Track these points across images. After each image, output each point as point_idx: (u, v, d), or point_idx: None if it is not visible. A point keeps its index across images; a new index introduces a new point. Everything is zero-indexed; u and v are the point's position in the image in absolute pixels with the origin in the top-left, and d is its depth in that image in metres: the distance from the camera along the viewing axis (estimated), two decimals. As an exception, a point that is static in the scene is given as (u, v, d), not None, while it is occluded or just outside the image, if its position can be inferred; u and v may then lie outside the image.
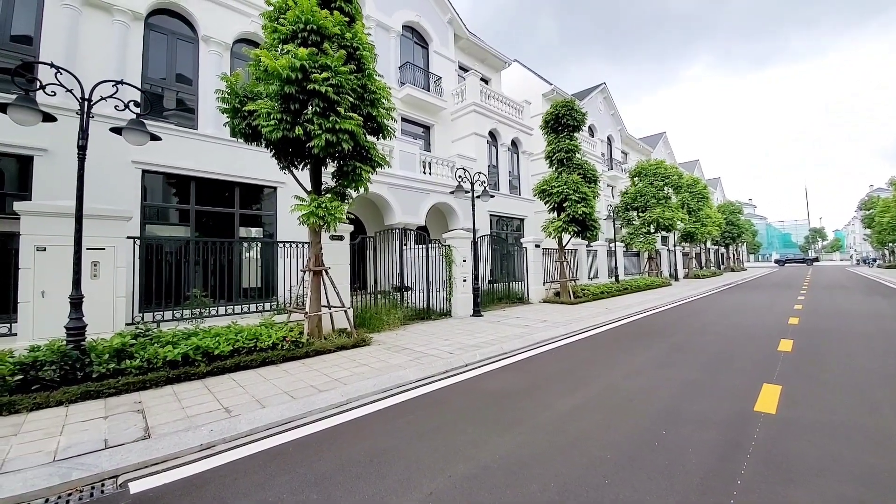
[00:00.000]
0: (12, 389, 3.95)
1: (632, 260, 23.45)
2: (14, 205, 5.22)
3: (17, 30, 7.32)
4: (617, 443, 3.27)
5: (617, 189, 28.36)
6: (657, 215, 21.22)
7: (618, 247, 19.97)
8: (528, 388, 4.78)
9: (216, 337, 5.36)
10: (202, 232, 8.86)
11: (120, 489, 2.74)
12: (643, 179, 22.93)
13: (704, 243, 34.66)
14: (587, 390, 4.62)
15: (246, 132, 6.46)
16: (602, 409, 4.01)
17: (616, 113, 28.80)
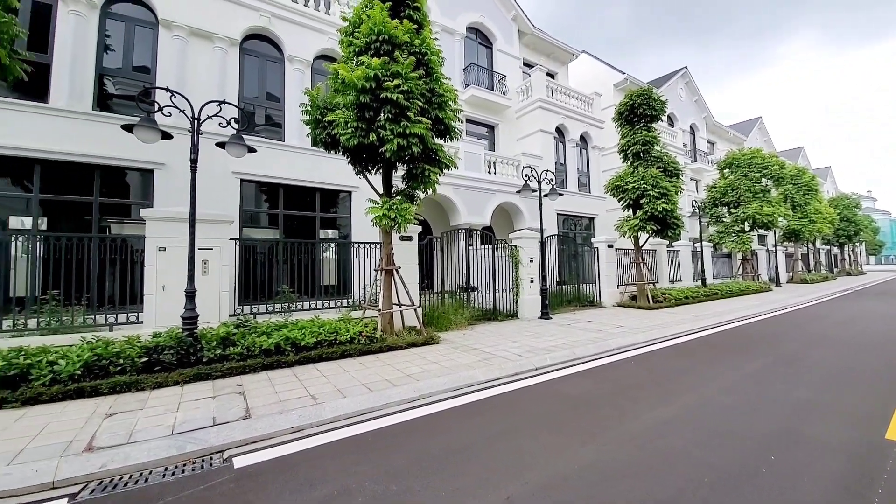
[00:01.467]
0: (139, 370, 4.65)
1: (722, 262, 21.07)
2: (140, 211, 6.17)
3: (137, 61, 8.66)
4: (715, 465, 2.93)
5: (702, 183, 25.70)
6: (753, 211, 18.76)
7: (704, 247, 18.07)
8: (607, 396, 4.50)
9: (302, 329, 5.84)
10: (288, 234, 9.72)
11: (225, 463, 3.08)
12: (735, 171, 20.46)
13: (813, 243, 29.98)
14: (676, 404, 4.21)
15: (326, 141, 6.94)
16: (695, 426, 3.63)
17: (700, 99, 26.14)
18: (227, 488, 2.70)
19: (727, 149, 25.88)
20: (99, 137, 7.53)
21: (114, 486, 2.76)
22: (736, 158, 20.69)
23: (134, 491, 2.69)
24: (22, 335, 5.45)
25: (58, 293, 5.89)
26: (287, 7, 9.99)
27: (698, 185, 25.89)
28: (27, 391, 4.01)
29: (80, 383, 4.22)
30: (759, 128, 34.62)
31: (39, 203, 7.26)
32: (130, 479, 2.83)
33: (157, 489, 2.71)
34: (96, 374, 4.41)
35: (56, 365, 4.26)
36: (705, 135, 27.11)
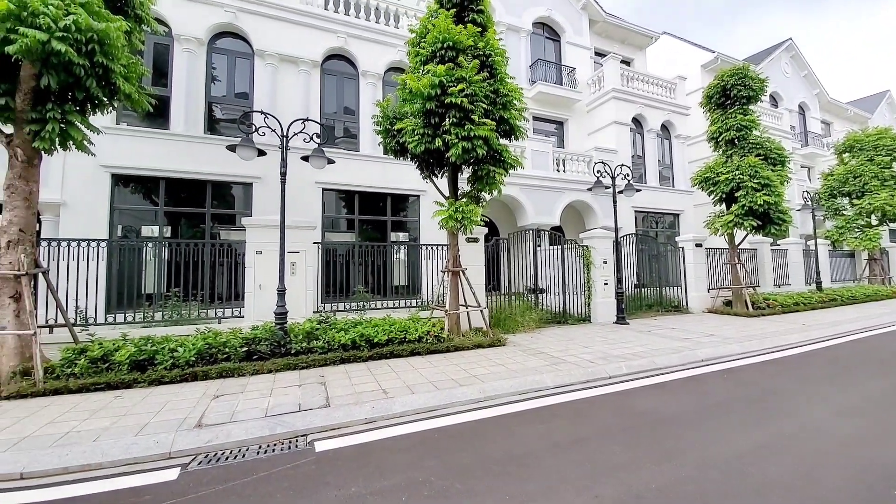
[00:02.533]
0: (241, 358, 5.33)
1: (842, 262, 17.87)
2: (242, 220, 7.06)
3: (238, 88, 9.89)
4: (827, 499, 2.52)
5: (816, 170, 22.05)
6: (881, 202, 15.58)
7: (820, 245, 15.46)
8: (690, 413, 4.10)
9: (375, 327, 6.23)
10: (363, 237, 10.39)
11: (308, 446, 3.40)
12: (857, 155, 17.18)
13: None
14: (776, 426, 3.70)
15: (395, 149, 7.31)
16: (800, 453, 3.15)
17: (809, 74, 22.45)
18: (310, 469, 2.99)
19: (847, 129, 21.79)
20: (209, 157, 8.77)
21: (217, 459, 3.21)
22: (858, 140, 17.36)
23: (233, 464, 3.11)
24: (150, 326, 6.57)
25: (178, 290, 6.99)
26: (361, 26, 10.68)
27: (811, 173, 22.28)
28: (153, 374, 4.82)
29: (193, 368, 4.97)
30: (887, 103, 28.61)
31: (164, 214, 8.67)
32: (231, 454, 3.27)
33: (252, 464, 3.09)
34: (207, 361, 5.16)
35: (175, 352, 5.07)
36: (818, 114, 23.22)
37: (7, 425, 3.62)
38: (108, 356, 4.86)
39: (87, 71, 4.72)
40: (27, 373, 4.60)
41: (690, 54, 19.87)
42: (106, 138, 7.06)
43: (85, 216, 7.73)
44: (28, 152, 4.97)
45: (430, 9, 7.19)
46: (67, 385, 4.45)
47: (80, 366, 4.67)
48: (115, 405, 4.12)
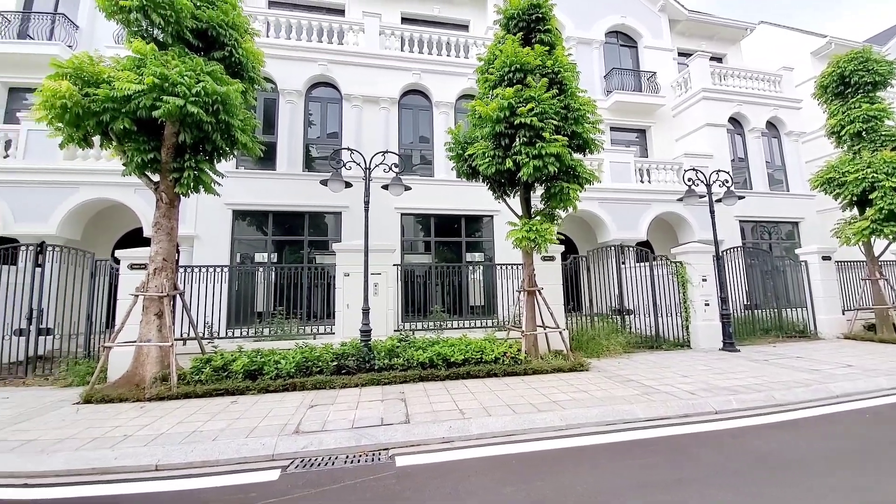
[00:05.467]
0: (332, 372, 5.79)
1: None
2: (333, 245, 7.80)
3: (329, 129, 11.12)
4: None
5: None
6: None
7: None
8: (821, 457, 3.41)
9: (451, 347, 6.32)
10: (439, 258, 10.73)
11: (390, 460, 3.53)
12: None
13: None
14: (957, 485, 2.89)
15: (467, 172, 7.53)
16: None
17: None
18: (390, 483, 3.10)
19: None
20: (306, 191, 9.91)
21: (311, 464, 3.48)
22: None
23: (324, 471, 3.35)
24: (260, 340, 7.46)
25: (282, 309, 7.88)
26: (433, 61, 11.38)
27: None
28: (261, 383, 5.46)
29: (293, 379, 5.53)
30: None
31: (272, 243, 9.93)
32: (322, 461, 3.53)
33: (340, 472, 3.30)
34: (304, 373, 5.70)
35: (279, 364, 5.69)
36: None
37: (147, 423, 4.37)
38: (227, 366, 5.65)
39: (213, 127, 5.76)
40: (165, 379, 5.54)
41: (796, 42, 17.38)
42: (227, 181, 8.40)
43: (212, 246, 9.22)
44: (170, 196, 6.14)
45: (497, 36, 7.42)
46: (195, 390, 5.25)
47: (205, 374, 5.50)
48: (231, 409, 4.74)
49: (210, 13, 6.11)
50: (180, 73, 5.28)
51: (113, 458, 3.53)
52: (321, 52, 10.69)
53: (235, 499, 2.94)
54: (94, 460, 3.52)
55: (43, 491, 3.15)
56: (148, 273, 5.87)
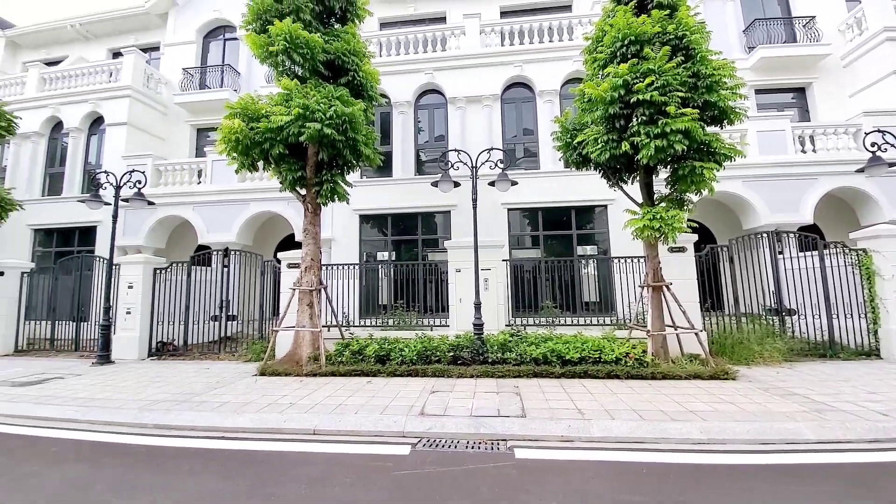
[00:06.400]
0: (448, 361, 6.15)
1: None
2: (444, 243, 8.23)
3: (437, 133, 11.68)
4: None
5: None
6: None
7: None
8: None
9: (566, 344, 6.12)
10: (548, 253, 10.41)
11: (508, 451, 3.60)
12: None
13: None
14: None
15: (577, 160, 7.14)
16: None
17: None
18: (510, 473, 3.18)
19: None
20: (418, 194, 10.62)
21: (435, 445, 3.77)
22: None
23: (448, 453, 3.59)
24: (386, 329, 8.29)
25: (402, 302, 8.63)
26: (535, 50, 11.06)
27: None
28: (389, 367, 6.09)
29: (415, 366, 6.05)
30: None
31: (391, 242, 10.93)
32: (445, 443, 3.79)
33: (462, 456, 3.50)
34: (424, 361, 6.19)
35: (403, 352, 6.28)
36: None
37: (306, 395, 5.24)
38: (362, 350, 6.48)
39: (343, 144, 6.60)
40: (316, 358, 6.57)
41: None
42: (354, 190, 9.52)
43: (345, 247, 10.59)
44: (314, 206, 7.24)
45: (605, 10, 6.86)
46: (339, 369, 6.14)
47: (345, 356, 6.39)
48: (367, 388, 5.41)
49: (336, 45, 7.01)
50: (317, 101, 6.20)
51: (283, 421, 4.36)
52: (427, 62, 11.31)
53: (375, 465, 3.36)
54: (269, 421, 4.39)
55: (235, 444, 4.03)
56: (301, 271, 7.05)
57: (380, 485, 3.04)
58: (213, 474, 3.32)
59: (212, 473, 3.34)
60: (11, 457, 3.70)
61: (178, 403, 5.01)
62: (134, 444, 3.99)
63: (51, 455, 3.74)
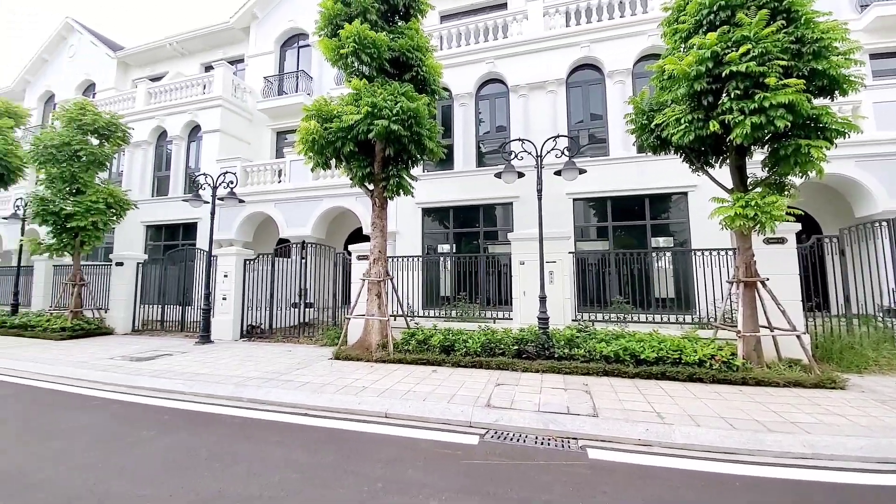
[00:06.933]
0: (513, 355, 6.08)
1: None
2: (508, 235, 8.11)
3: (498, 123, 11.46)
4: None
5: None
6: None
7: None
8: None
9: (641, 342, 5.74)
10: (618, 245, 9.81)
11: (580, 450, 3.49)
12: None
13: None
14: None
15: (654, 144, 6.59)
16: None
17: None
18: (584, 473, 3.07)
19: None
20: (480, 186, 10.58)
21: (503, 437, 3.76)
22: None
23: (517, 446, 3.56)
24: (448, 320, 8.42)
25: (464, 294, 8.69)
26: (604, 28, 10.35)
27: None
28: (454, 358, 6.19)
29: (479, 358, 6.08)
30: None
31: (452, 235, 11.02)
32: (513, 436, 3.77)
33: (532, 451, 3.46)
34: (487, 353, 6.19)
35: (467, 343, 6.34)
36: None
37: (376, 380, 5.52)
38: (427, 340, 6.65)
39: (409, 139, 6.75)
40: (384, 346, 6.88)
41: None
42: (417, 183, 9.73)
43: (408, 240, 10.91)
44: (381, 200, 7.52)
45: (690, -25, 6.17)
46: (405, 358, 6.37)
47: (412, 345, 6.62)
48: (432, 377, 5.55)
49: (401, 41, 7.16)
50: (384, 98, 6.40)
51: (357, 403, 4.63)
52: (488, 51, 11.13)
53: (445, 453, 3.45)
54: (345, 402, 4.69)
55: (315, 420, 4.35)
56: (369, 262, 7.40)
57: (451, 471, 3.11)
58: (299, 447, 3.63)
59: (297, 447, 3.65)
60: (133, 423, 4.36)
61: (267, 381, 5.55)
62: (231, 416, 4.50)
63: (163, 422, 4.35)
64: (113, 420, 4.41)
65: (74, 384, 5.80)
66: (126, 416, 4.55)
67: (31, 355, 7.55)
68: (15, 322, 10.35)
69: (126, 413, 4.65)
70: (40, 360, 7.05)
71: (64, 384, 5.82)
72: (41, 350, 8.13)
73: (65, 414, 4.63)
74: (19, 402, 5.07)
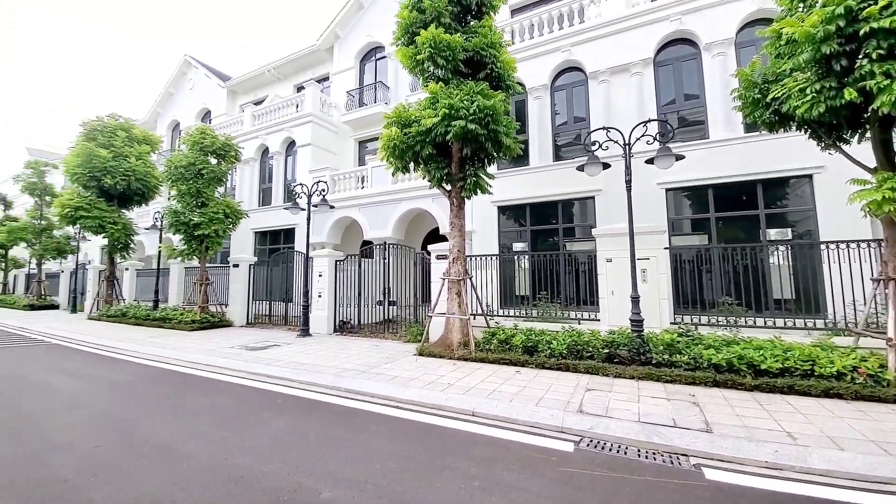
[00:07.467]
0: (603, 359, 5.72)
1: None
2: (592, 231, 7.66)
3: (576, 114, 10.87)
4: None
5: None
6: None
7: None
8: None
9: (759, 350, 5.02)
10: (722, 238, 8.71)
11: (694, 469, 3.14)
12: None
13: None
14: None
15: (770, 121, 5.74)
16: None
17: None
18: (703, 495, 2.76)
19: None
20: (557, 181, 10.18)
21: (601, 446, 3.54)
22: None
23: (617, 458, 3.33)
24: (528, 320, 8.23)
25: (545, 294, 8.42)
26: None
27: None
28: (537, 359, 6.01)
29: (565, 360, 5.82)
30: None
31: (529, 233, 10.76)
32: (611, 447, 3.53)
33: (635, 465, 3.20)
34: (574, 356, 5.91)
35: (551, 344, 6.11)
36: None
37: (460, 377, 5.58)
38: (508, 340, 6.57)
39: (486, 137, 6.72)
40: (465, 344, 6.95)
41: None
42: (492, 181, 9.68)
43: (485, 238, 10.91)
44: (459, 200, 7.60)
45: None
46: (487, 357, 6.36)
47: (493, 345, 6.59)
48: (516, 378, 5.46)
49: (475, 40, 7.16)
50: (460, 99, 6.45)
51: (444, 400, 4.73)
52: (563, 39, 10.63)
53: (539, 457, 3.36)
54: (433, 398, 4.82)
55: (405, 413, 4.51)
56: (448, 262, 7.54)
57: (548, 477, 3.02)
58: (393, 438, 3.82)
59: (392, 437, 3.84)
60: (252, 405, 4.95)
61: (361, 373, 5.95)
62: (330, 403, 4.89)
63: (277, 406, 4.87)
64: (236, 402, 5.07)
65: (204, 369, 6.80)
66: (246, 398, 5.21)
67: (172, 343, 9.03)
68: (156, 315, 12.48)
69: (246, 396, 5.32)
70: (178, 348, 8.40)
71: (196, 369, 6.85)
72: (178, 339, 9.68)
73: (198, 395, 5.44)
74: (165, 384, 6.08)
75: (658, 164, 5.99)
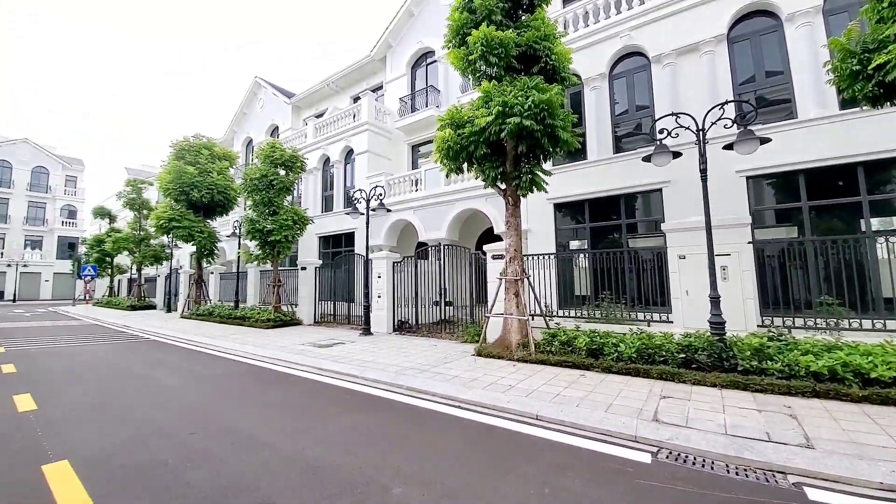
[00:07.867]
0: (678, 364, 5.29)
1: None
2: (661, 226, 7.15)
3: (638, 102, 10.19)
4: None
5: None
6: None
7: None
8: None
9: (867, 356, 4.36)
10: (816, 230, 7.69)
11: (794, 489, 2.81)
12: None
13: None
14: None
15: (874, 94, 4.98)
16: None
17: None
18: (807, 518, 2.45)
19: None
20: (619, 174, 9.61)
21: (680, 459, 3.28)
22: None
23: (703, 473, 3.06)
24: (590, 321, 7.88)
25: (608, 293, 8.01)
26: (782, -42, 8.26)
27: None
28: (603, 362, 5.72)
29: (635, 364, 5.48)
30: None
31: (589, 230, 10.28)
32: (693, 460, 3.26)
33: (724, 482, 2.92)
34: (645, 360, 5.52)
35: (618, 347, 5.78)
36: None
37: (521, 379, 5.48)
38: (570, 342, 6.33)
39: (541, 133, 6.55)
40: (525, 345, 6.81)
41: None
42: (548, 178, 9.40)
43: (541, 237, 10.63)
44: (514, 198, 7.48)
45: None
46: (548, 359, 6.18)
47: (554, 346, 6.39)
48: (581, 382, 5.25)
49: (527, 34, 7.02)
50: (514, 95, 6.35)
51: (506, 402, 4.67)
52: (622, 24, 10.05)
53: (613, 468, 3.19)
54: (494, 399, 4.77)
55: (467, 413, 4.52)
56: (505, 261, 7.46)
57: (625, 490, 2.85)
58: (458, 438, 3.84)
59: (456, 437, 3.87)
60: (322, 400, 5.24)
61: (421, 372, 6.07)
62: (394, 401, 5.04)
63: (345, 401, 5.11)
64: (308, 396, 5.42)
65: (279, 364, 7.35)
66: (317, 393, 5.54)
67: (252, 340, 9.87)
68: (237, 314, 13.73)
69: (317, 391, 5.66)
70: (258, 345, 9.16)
71: (272, 363, 7.42)
72: (256, 336, 10.57)
73: (276, 389, 5.88)
74: (248, 377, 6.66)
75: (738, 149, 5.43)
